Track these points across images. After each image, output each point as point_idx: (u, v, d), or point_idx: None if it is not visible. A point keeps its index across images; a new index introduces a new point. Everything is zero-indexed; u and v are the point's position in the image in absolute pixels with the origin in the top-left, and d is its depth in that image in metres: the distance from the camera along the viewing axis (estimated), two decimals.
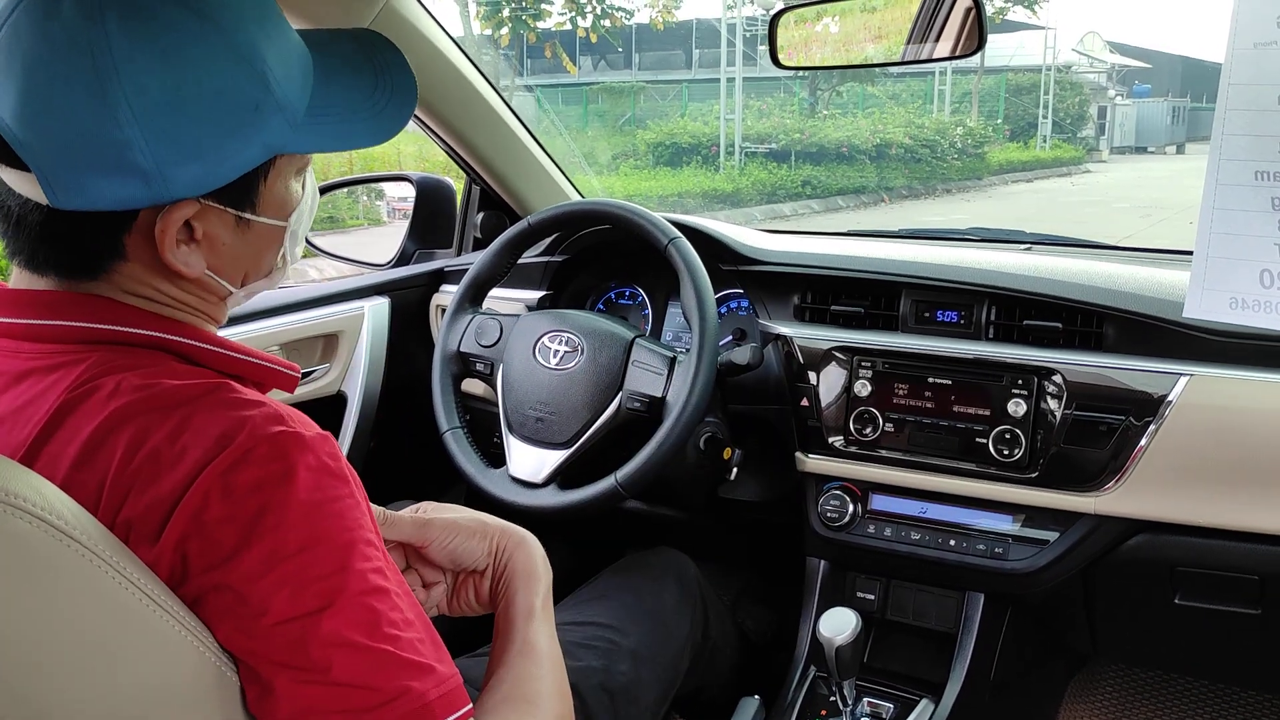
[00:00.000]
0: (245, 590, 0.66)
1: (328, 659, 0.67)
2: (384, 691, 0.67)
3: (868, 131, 17.77)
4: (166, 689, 0.64)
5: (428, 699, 0.69)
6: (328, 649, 0.67)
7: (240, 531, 0.66)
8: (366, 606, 0.68)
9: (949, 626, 1.52)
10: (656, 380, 1.41)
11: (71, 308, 0.74)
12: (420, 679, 0.69)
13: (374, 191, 4.79)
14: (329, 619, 0.67)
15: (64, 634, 0.59)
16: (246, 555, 0.66)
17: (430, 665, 0.70)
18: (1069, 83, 24.88)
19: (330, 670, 0.67)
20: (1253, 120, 0.91)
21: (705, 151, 16.63)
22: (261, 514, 0.67)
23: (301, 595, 0.67)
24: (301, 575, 0.67)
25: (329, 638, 0.67)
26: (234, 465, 0.67)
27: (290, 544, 0.67)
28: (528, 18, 18.09)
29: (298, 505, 0.68)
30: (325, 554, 0.68)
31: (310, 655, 0.67)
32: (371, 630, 0.68)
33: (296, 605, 0.67)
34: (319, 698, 0.67)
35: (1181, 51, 44.34)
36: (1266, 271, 0.90)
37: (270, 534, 0.67)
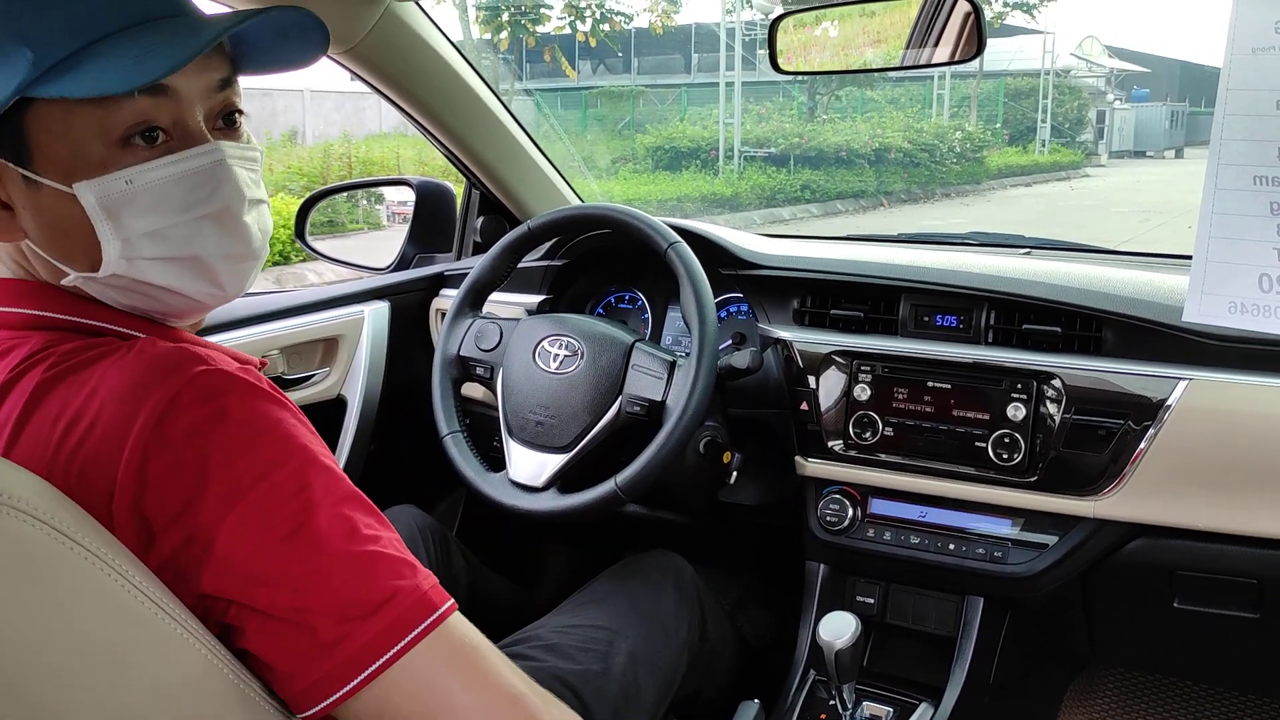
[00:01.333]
0: (213, 535, 0.65)
1: (316, 575, 0.66)
2: (380, 591, 0.67)
3: (866, 136, 17.78)
4: (169, 691, 0.64)
5: (422, 589, 0.69)
6: (313, 566, 0.66)
7: (190, 481, 0.66)
8: (340, 515, 0.68)
9: (948, 630, 1.52)
10: (656, 384, 1.41)
11: (12, 297, 0.75)
12: (411, 574, 0.69)
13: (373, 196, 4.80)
14: (306, 537, 0.66)
15: (66, 635, 0.59)
16: (203, 502, 0.65)
17: (413, 561, 0.70)
18: (1067, 87, 24.89)
19: (321, 587, 0.66)
20: (1251, 125, 0.91)
21: (704, 156, 16.64)
22: (205, 458, 0.66)
23: (272, 524, 0.66)
24: (265, 505, 0.66)
25: (311, 555, 0.66)
26: (163, 416, 0.66)
27: (244, 479, 0.66)
28: (527, 22, 18.13)
29: (239, 440, 0.67)
30: (283, 478, 0.67)
31: (297, 577, 0.66)
32: (351, 537, 0.68)
33: (269, 534, 0.66)
34: (316, 615, 0.66)
35: (1180, 56, 44.43)
36: (1265, 276, 0.90)
37: (220, 474, 0.66)
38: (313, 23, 0.79)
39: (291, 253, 8.27)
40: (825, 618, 1.32)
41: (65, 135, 0.71)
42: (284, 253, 8.31)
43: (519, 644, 1.23)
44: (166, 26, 0.73)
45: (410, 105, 1.68)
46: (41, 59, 0.69)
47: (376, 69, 1.58)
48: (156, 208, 0.74)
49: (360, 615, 0.67)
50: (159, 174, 0.74)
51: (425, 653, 0.68)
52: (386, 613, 0.67)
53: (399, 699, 0.68)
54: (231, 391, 0.68)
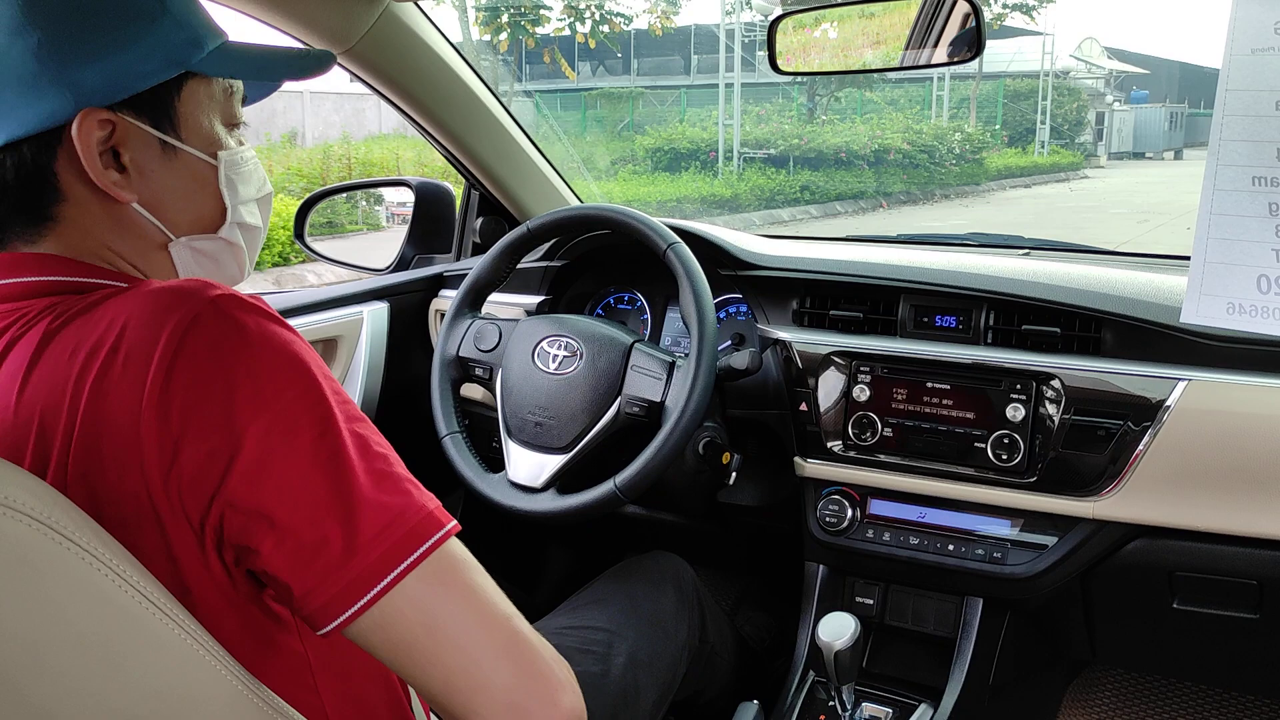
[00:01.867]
0: (240, 443, 0.67)
1: (334, 487, 0.68)
2: (391, 508, 0.69)
3: (866, 137, 17.80)
4: (167, 692, 0.64)
5: (428, 508, 0.71)
6: (331, 478, 0.68)
7: (217, 392, 0.67)
8: (354, 432, 0.71)
9: (948, 631, 1.52)
10: (655, 385, 1.41)
11: (25, 266, 0.76)
12: (417, 492, 0.72)
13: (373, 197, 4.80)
14: (326, 449, 0.69)
15: (64, 636, 0.59)
16: (231, 412, 0.67)
17: (417, 481, 0.73)
18: (1067, 88, 24.92)
19: (338, 500, 0.68)
20: (1250, 126, 0.91)
21: (704, 157, 16.65)
22: (230, 371, 0.68)
23: (296, 434, 0.68)
24: (289, 415, 0.68)
25: (330, 468, 0.68)
26: (187, 333, 0.67)
27: (267, 390, 0.68)
28: (526, 23, 18.13)
29: (261, 355, 0.69)
30: (302, 391, 0.70)
31: (317, 488, 0.68)
32: (364, 453, 0.70)
33: (294, 442, 0.68)
34: (332, 528, 0.68)
35: (1179, 57, 44.43)
36: (1264, 277, 0.90)
37: (245, 385, 0.67)
38: (328, 61, 0.91)
39: (291, 254, 8.26)
40: (824, 619, 1.32)
41: (206, 113, 0.82)
42: (283, 254, 8.31)
43: None
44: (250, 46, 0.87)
45: (409, 106, 1.68)
46: (211, 42, 0.81)
47: (375, 69, 1.58)
48: (250, 183, 0.88)
49: (373, 531, 0.68)
50: (249, 156, 0.88)
51: (430, 570, 0.70)
52: (397, 528, 0.69)
53: (405, 614, 0.69)
54: (249, 312, 0.71)
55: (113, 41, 0.75)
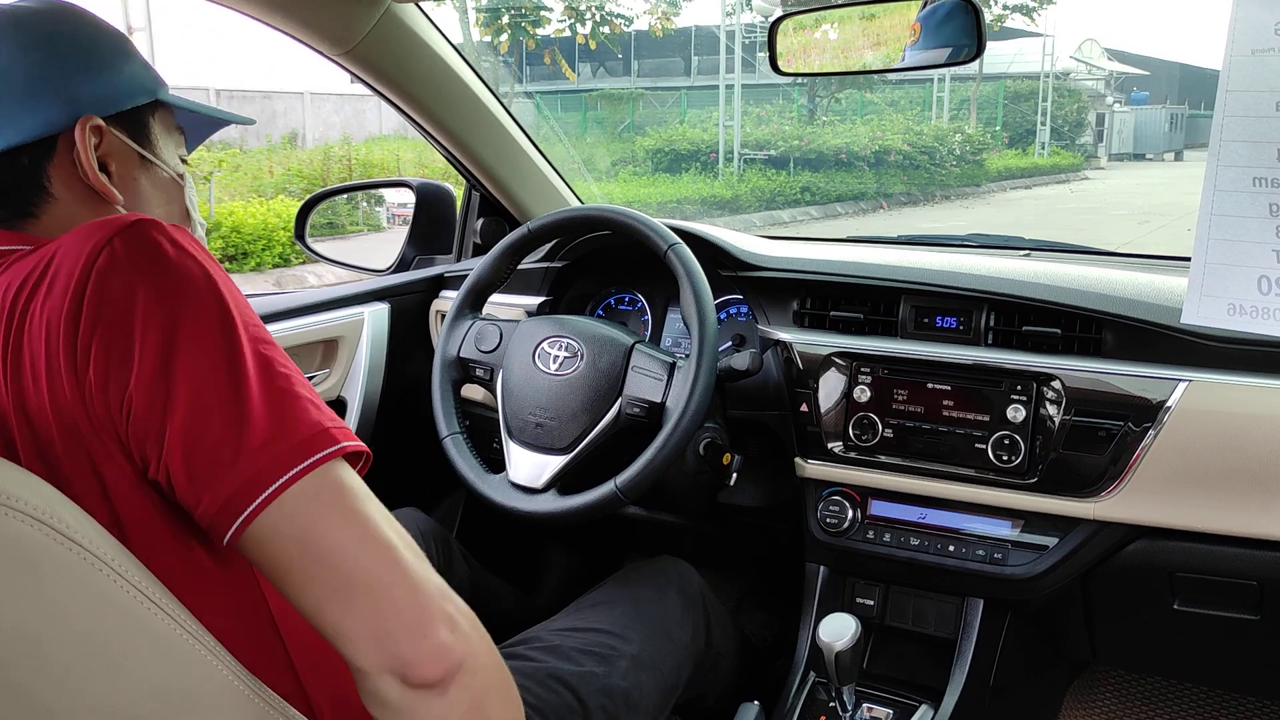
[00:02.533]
0: (156, 362, 0.71)
1: (234, 402, 0.71)
2: (284, 421, 0.73)
3: (866, 138, 17.80)
4: (167, 691, 0.65)
5: (324, 425, 0.74)
6: (233, 393, 0.71)
7: (131, 312, 0.71)
8: (259, 354, 0.75)
9: (948, 632, 1.52)
10: (656, 386, 1.41)
11: (12, 240, 0.83)
12: (317, 412, 0.75)
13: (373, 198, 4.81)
14: (231, 369, 0.72)
15: (64, 634, 0.59)
16: (144, 332, 0.71)
17: (321, 403, 0.77)
18: (1067, 90, 24.91)
19: (235, 412, 0.71)
20: (1251, 127, 0.91)
21: (704, 158, 16.65)
22: (138, 293, 0.72)
23: (204, 355, 0.72)
24: (196, 338, 0.72)
25: (233, 384, 0.72)
26: (99, 253, 0.72)
27: (178, 314, 0.72)
28: (527, 24, 18.14)
29: (171, 276, 0.73)
30: (210, 312, 0.74)
31: (221, 401, 0.71)
32: (267, 372, 0.74)
33: (202, 362, 0.72)
34: (228, 436, 0.71)
35: (1179, 58, 44.42)
36: (1265, 278, 0.91)
37: (155, 309, 0.72)
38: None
39: (291, 255, 8.26)
40: (825, 619, 1.32)
41: (168, 139, 0.95)
42: (284, 255, 8.31)
43: (520, 644, 1.23)
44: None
45: (410, 107, 1.68)
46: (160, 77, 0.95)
47: (376, 70, 1.58)
48: (195, 211, 1.00)
49: (260, 440, 0.71)
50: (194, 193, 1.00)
51: (311, 485, 0.72)
52: (285, 440, 0.72)
53: (282, 529, 0.71)
54: (163, 234, 0.75)
55: (103, 64, 0.88)
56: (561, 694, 1.14)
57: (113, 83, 0.88)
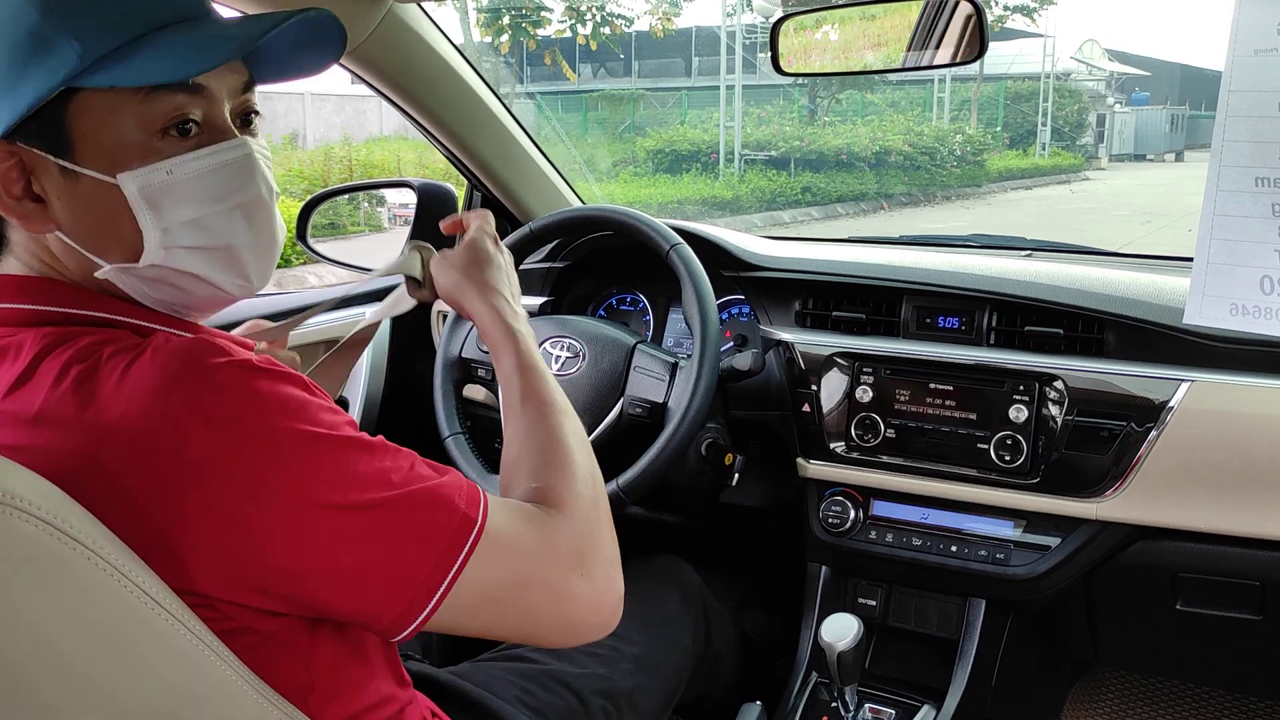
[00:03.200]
0: (248, 519, 0.67)
1: (356, 537, 0.69)
2: (422, 528, 0.73)
3: (867, 139, 17.79)
4: (173, 690, 0.65)
5: (461, 512, 0.76)
6: (352, 530, 0.69)
7: (225, 466, 0.67)
8: (366, 471, 0.72)
9: (950, 632, 1.52)
10: (658, 386, 1.41)
11: (14, 292, 0.75)
12: (445, 500, 0.75)
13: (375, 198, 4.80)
14: (339, 509, 0.69)
15: (71, 634, 0.59)
16: (233, 487, 0.67)
17: (435, 480, 0.77)
18: (1068, 90, 24.90)
19: (364, 543, 0.70)
20: (1253, 127, 0.91)
21: (705, 159, 16.65)
22: (237, 445, 0.68)
23: (309, 496, 0.69)
24: (299, 480, 0.69)
25: (349, 521, 0.69)
26: (192, 413, 0.67)
27: (261, 463, 0.68)
28: (528, 25, 18.15)
29: (266, 427, 0.69)
30: (301, 453, 0.70)
31: (343, 542, 0.69)
32: (386, 482, 0.73)
33: (309, 506, 0.68)
34: (370, 568, 0.70)
35: (1180, 59, 44.44)
36: (1267, 278, 0.90)
37: (246, 461, 0.68)
38: (333, 28, 0.80)
39: (292, 255, 8.26)
40: (827, 620, 1.32)
41: (109, 125, 0.73)
42: (285, 255, 8.32)
43: (521, 646, 1.23)
44: (202, 27, 0.76)
45: (412, 107, 1.68)
46: (89, 50, 0.71)
47: (378, 71, 1.58)
48: (194, 198, 0.76)
49: (416, 551, 0.71)
50: (197, 165, 0.76)
51: (484, 553, 0.74)
52: (438, 543, 0.72)
53: (486, 586, 0.74)
54: (255, 377, 0.70)
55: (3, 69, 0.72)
56: (564, 696, 1.14)
57: (11, 92, 0.72)
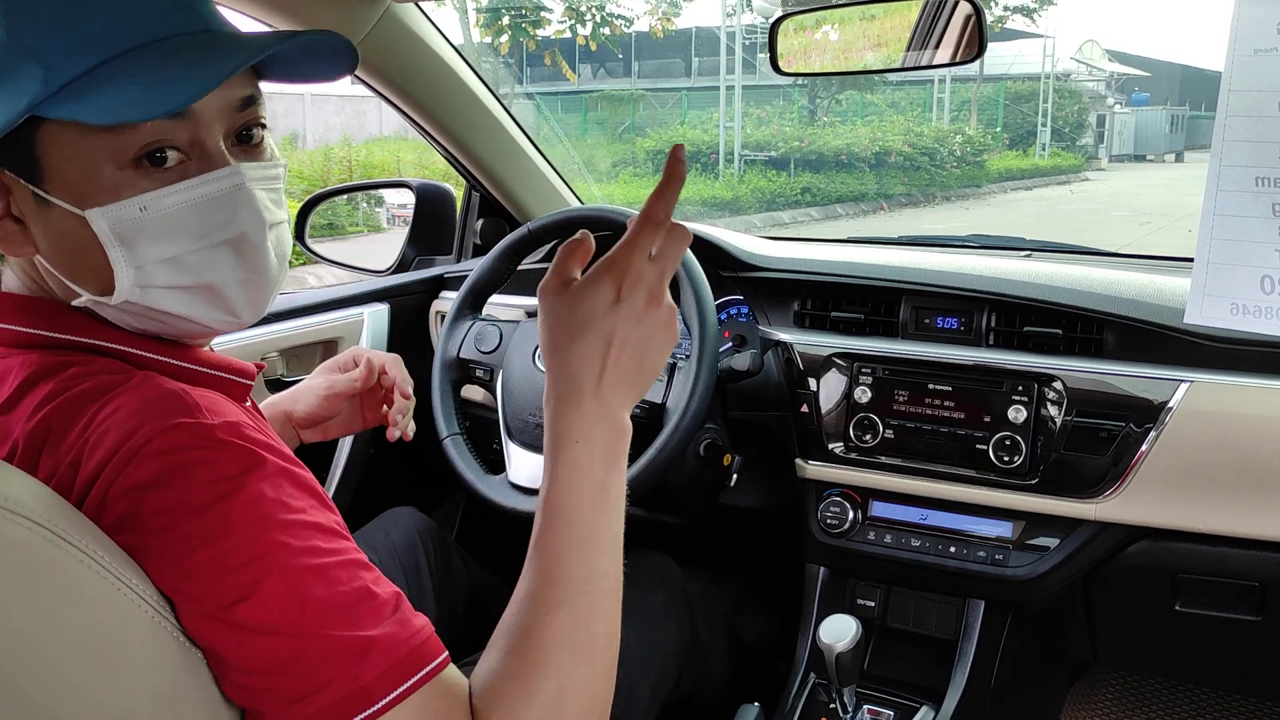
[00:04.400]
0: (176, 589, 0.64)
1: (252, 651, 0.64)
2: (313, 679, 0.64)
3: (867, 139, 17.80)
4: (168, 693, 0.64)
5: (361, 681, 0.64)
6: (250, 640, 0.64)
7: (142, 529, 0.64)
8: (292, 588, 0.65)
9: (949, 633, 1.51)
10: (656, 386, 1.40)
11: (12, 312, 0.73)
12: (355, 662, 0.64)
13: (373, 199, 4.80)
14: (247, 609, 0.63)
15: (64, 637, 0.59)
16: (157, 557, 0.64)
17: (369, 639, 0.65)
18: (1068, 91, 24.92)
19: (257, 663, 0.64)
20: (1253, 126, 0.91)
21: (704, 159, 16.65)
22: (165, 512, 0.64)
23: (219, 586, 0.64)
24: (218, 566, 0.64)
25: (251, 627, 0.63)
26: (129, 460, 0.64)
27: (194, 538, 0.64)
28: (527, 25, 18.15)
29: (198, 499, 0.64)
30: (238, 543, 0.64)
31: (234, 649, 0.64)
32: (299, 613, 0.64)
33: (216, 596, 0.63)
34: (254, 682, 0.65)
35: (1180, 60, 44.46)
36: (1268, 278, 0.90)
37: (174, 529, 0.64)
38: (342, 44, 0.75)
39: (291, 256, 8.26)
40: (826, 620, 1.31)
41: (77, 157, 0.68)
42: None
43: None
44: (189, 44, 0.70)
45: (410, 107, 1.68)
46: (53, 77, 0.66)
47: (376, 70, 1.58)
48: (171, 234, 0.71)
49: (292, 699, 0.64)
50: (175, 199, 0.70)
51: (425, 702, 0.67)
52: (315, 701, 0.64)
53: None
54: (201, 448, 0.66)
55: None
56: None
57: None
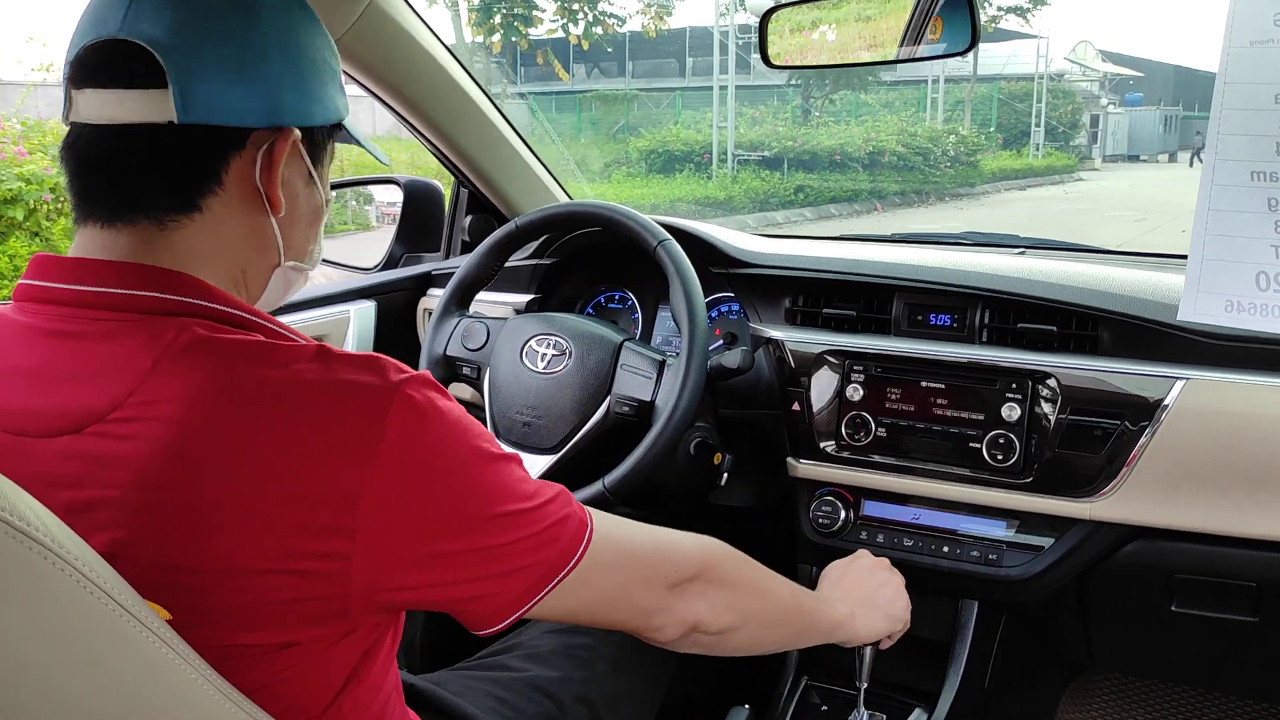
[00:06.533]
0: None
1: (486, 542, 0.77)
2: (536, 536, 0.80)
3: (861, 139, 17.85)
4: (137, 692, 0.63)
5: (576, 517, 0.84)
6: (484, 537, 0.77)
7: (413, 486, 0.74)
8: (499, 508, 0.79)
9: (942, 634, 1.50)
10: (645, 384, 1.39)
11: (134, 278, 0.75)
12: (559, 506, 0.83)
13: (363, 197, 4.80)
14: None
15: (30, 634, 0.57)
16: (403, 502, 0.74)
17: (544, 492, 0.83)
18: (1062, 91, 25.03)
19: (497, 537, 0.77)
20: (1249, 119, 0.90)
21: (698, 159, 16.67)
22: (428, 463, 0.74)
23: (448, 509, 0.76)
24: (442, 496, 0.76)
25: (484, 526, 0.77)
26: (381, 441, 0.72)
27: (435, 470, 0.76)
28: (519, 24, 18.15)
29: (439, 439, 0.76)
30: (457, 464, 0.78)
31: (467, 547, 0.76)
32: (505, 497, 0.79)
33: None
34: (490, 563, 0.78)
35: (1174, 60, 44.61)
36: (1263, 274, 0.89)
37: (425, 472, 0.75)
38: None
39: None
40: None
41: (331, 156, 0.92)
42: None
43: (504, 653, 1.22)
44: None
45: (396, 100, 1.66)
46: (346, 104, 0.91)
47: (361, 64, 1.56)
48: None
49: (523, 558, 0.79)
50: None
51: (575, 579, 0.83)
52: (545, 551, 0.81)
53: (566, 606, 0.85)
54: (435, 395, 0.78)
55: (316, 80, 0.84)
56: (540, 703, 1.13)
57: (319, 99, 0.85)
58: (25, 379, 0.73)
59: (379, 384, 0.73)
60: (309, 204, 0.88)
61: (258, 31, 0.78)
